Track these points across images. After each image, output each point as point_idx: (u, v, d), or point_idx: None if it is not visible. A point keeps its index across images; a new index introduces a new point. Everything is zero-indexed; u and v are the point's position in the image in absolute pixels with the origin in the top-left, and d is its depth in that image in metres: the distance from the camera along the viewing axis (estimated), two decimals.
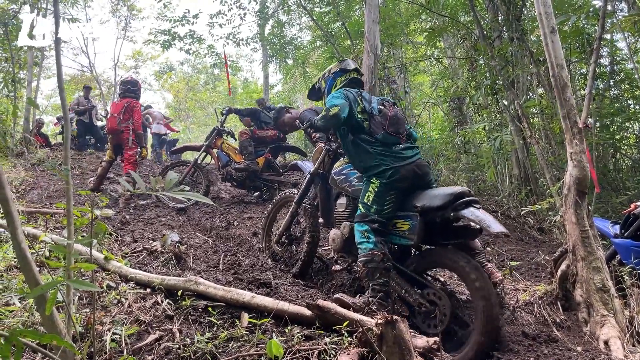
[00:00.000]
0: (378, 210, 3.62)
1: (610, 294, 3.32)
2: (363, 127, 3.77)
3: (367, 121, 3.78)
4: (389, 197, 3.62)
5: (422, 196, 3.52)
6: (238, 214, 7.03)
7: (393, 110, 3.89)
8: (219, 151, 8.16)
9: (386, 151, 3.67)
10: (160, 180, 2.08)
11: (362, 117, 3.78)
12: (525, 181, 9.35)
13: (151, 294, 3.25)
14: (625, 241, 4.01)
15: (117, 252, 4.16)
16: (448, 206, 3.31)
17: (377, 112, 3.81)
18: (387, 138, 3.72)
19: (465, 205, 3.27)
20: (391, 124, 3.79)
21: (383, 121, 3.77)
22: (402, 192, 3.65)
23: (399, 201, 3.66)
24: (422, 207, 3.45)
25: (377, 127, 3.75)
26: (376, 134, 3.72)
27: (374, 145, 3.69)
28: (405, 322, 2.15)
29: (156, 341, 2.75)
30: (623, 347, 2.97)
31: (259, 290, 3.53)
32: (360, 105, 3.83)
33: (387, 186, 3.60)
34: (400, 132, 3.81)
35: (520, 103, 8.39)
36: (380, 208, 3.62)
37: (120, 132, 7.37)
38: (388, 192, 3.61)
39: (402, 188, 3.63)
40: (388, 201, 3.62)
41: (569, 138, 3.67)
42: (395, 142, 3.73)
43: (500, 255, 5.69)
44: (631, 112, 10.53)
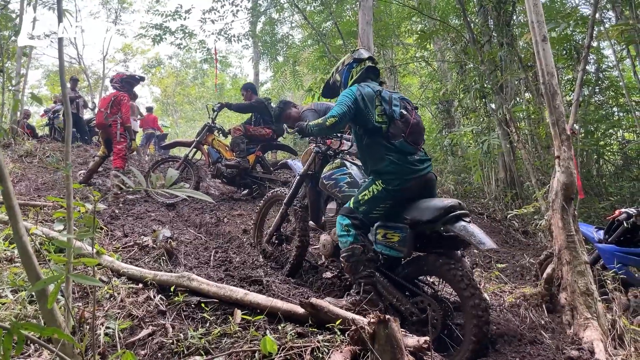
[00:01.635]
0: (366, 211, 3.60)
1: (594, 298, 3.41)
2: (380, 130, 3.56)
3: (385, 124, 3.56)
4: (384, 204, 3.58)
5: (413, 208, 3.51)
6: (228, 210, 7.04)
7: (415, 118, 3.67)
8: (210, 147, 8.13)
9: (401, 160, 3.51)
10: (161, 177, 2.10)
11: (380, 121, 3.57)
12: (511, 185, 9.49)
13: (144, 289, 3.27)
14: (608, 246, 4.12)
15: (108, 247, 4.16)
16: (438, 220, 3.32)
17: (398, 117, 3.58)
18: (405, 147, 3.53)
19: (456, 219, 3.28)
20: (412, 133, 3.58)
21: (404, 128, 3.56)
22: (399, 203, 3.59)
23: (391, 210, 3.61)
24: (412, 219, 3.45)
25: (397, 132, 3.54)
26: (394, 139, 3.53)
27: (389, 151, 3.53)
28: (397, 322, 2.20)
29: (149, 336, 2.77)
30: (605, 350, 3.05)
31: (251, 287, 3.57)
32: (379, 107, 3.60)
33: (389, 194, 3.53)
34: (418, 143, 3.64)
35: (508, 107, 8.50)
36: (369, 211, 3.60)
37: (108, 127, 7.32)
38: (386, 200, 3.56)
39: (404, 199, 3.57)
40: (381, 208, 3.59)
41: (557, 144, 3.75)
42: (412, 152, 3.57)
43: (487, 258, 5.78)
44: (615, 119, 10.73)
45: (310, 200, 4.47)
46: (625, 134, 11.43)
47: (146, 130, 16.67)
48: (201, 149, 8.15)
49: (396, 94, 3.77)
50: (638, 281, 4.00)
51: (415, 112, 3.73)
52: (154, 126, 17.02)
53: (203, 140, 8.10)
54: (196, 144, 8.00)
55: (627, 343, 3.20)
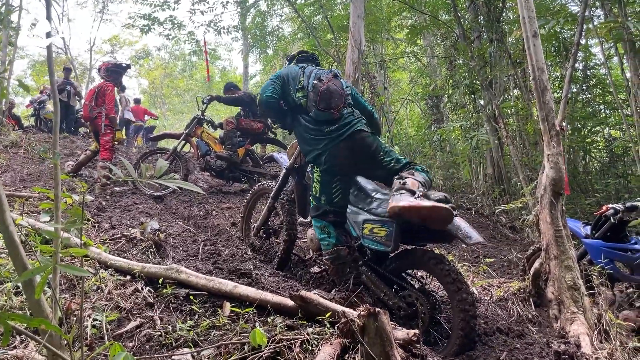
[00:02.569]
0: (328, 200, 3.54)
1: (581, 292, 3.44)
2: (301, 106, 3.57)
3: (304, 98, 3.57)
4: (334, 184, 3.53)
5: None
6: (216, 203, 7.01)
7: (326, 84, 3.54)
8: (199, 140, 8.07)
9: (317, 133, 3.50)
10: (150, 167, 2.08)
11: (299, 96, 3.58)
12: (499, 180, 9.57)
13: (131, 281, 3.24)
14: (595, 242, 4.16)
15: (95, 239, 4.12)
16: None
17: (311, 88, 3.54)
18: (319, 116, 3.49)
19: None
20: (322, 100, 3.48)
21: (315, 97, 3.50)
22: (346, 174, 3.55)
23: (346, 185, 3.59)
24: None
25: (311, 104, 3.52)
26: (310, 111, 3.54)
27: (308, 127, 3.55)
28: (386, 314, 2.20)
29: (137, 328, 2.75)
30: (591, 344, 3.09)
31: (240, 280, 3.55)
32: (300, 83, 3.61)
33: (327, 173, 3.50)
34: (331, 107, 3.50)
35: (497, 103, 8.55)
36: (329, 197, 3.54)
37: (94, 119, 7.22)
38: (331, 179, 3.52)
39: (343, 170, 3.54)
40: (335, 188, 3.53)
41: (546, 140, 3.78)
42: (327, 120, 3.50)
43: (474, 252, 5.82)
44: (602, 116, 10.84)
45: (297, 193, 4.44)
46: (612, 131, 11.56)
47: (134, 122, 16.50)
48: (190, 142, 8.09)
49: (321, 70, 3.73)
50: (624, 276, 4.05)
51: (333, 79, 3.62)
52: (141, 118, 16.85)
53: (192, 133, 8.04)
54: (185, 137, 7.94)
55: (613, 337, 3.24)
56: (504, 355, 2.95)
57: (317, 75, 3.65)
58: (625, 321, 3.62)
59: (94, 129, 7.28)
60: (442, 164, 11.54)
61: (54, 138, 2.10)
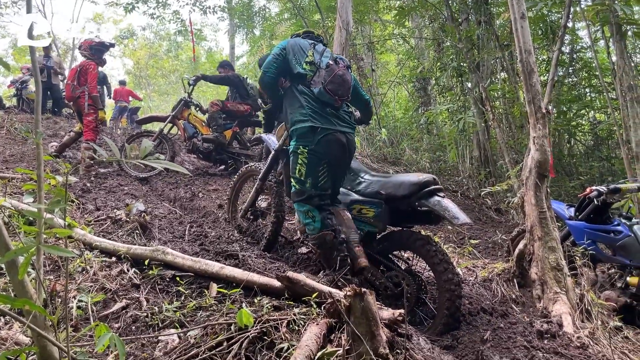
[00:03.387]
0: (313, 183, 3.46)
1: (564, 273, 3.49)
2: (305, 77, 3.51)
3: (311, 73, 3.51)
4: (321, 166, 3.46)
5: (388, 184, 3.52)
6: (203, 185, 6.97)
7: (342, 70, 3.53)
8: (186, 122, 7.98)
9: (318, 109, 3.44)
10: (135, 147, 2.05)
11: (307, 68, 3.52)
12: (485, 163, 9.63)
13: (117, 263, 3.22)
14: (579, 223, 4.22)
15: (79, 220, 4.08)
16: (413, 195, 3.33)
17: (324, 66, 3.50)
18: (323, 95, 3.44)
19: (430, 195, 3.30)
20: (332, 82, 3.44)
21: (326, 76, 3.45)
22: (331, 163, 3.52)
23: (333, 172, 3.56)
24: (387, 195, 3.46)
25: (318, 80, 3.46)
26: (314, 86, 3.46)
27: (307, 97, 3.47)
28: (373, 295, 2.21)
29: (123, 309, 2.74)
30: (573, 323, 3.14)
31: (227, 261, 3.54)
32: (310, 56, 3.55)
33: (316, 154, 3.43)
34: (338, 94, 3.48)
35: (484, 86, 8.56)
36: (315, 181, 3.46)
37: (77, 99, 7.08)
38: (319, 161, 3.45)
39: (331, 157, 3.49)
40: (322, 171, 3.47)
41: (532, 122, 3.79)
42: (329, 104, 3.48)
43: (460, 234, 5.87)
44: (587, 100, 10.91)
45: (286, 175, 4.43)
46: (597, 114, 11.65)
47: (119, 103, 16.28)
48: (177, 124, 8.00)
49: (333, 53, 3.74)
50: (606, 257, 4.11)
51: (346, 68, 3.61)
52: (126, 99, 16.62)
53: (179, 115, 7.95)
54: (172, 119, 7.85)
55: (594, 316, 3.30)
56: (488, 334, 2.99)
57: (334, 57, 3.63)
58: (606, 301, 3.69)
59: (77, 109, 7.15)
60: (428, 147, 11.57)
61: (36, 117, 2.06)
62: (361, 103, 4.02)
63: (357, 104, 4.06)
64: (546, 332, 2.99)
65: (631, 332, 3.46)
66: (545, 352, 2.77)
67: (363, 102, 4.01)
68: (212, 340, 2.30)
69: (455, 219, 3.12)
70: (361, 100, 3.99)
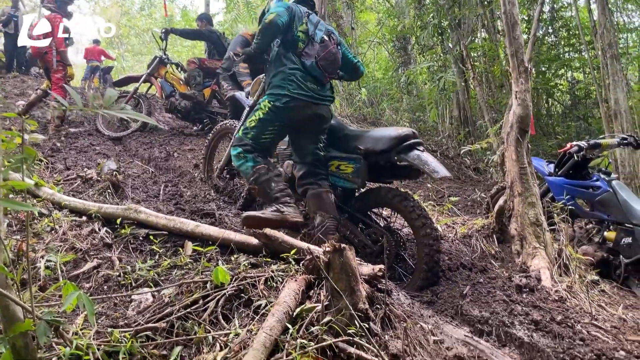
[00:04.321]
0: (255, 137, 3.42)
1: (543, 228, 3.49)
2: (297, 46, 3.43)
3: (303, 43, 3.43)
4: (272, 127, 3.43)
5: (366, 139, 3.44)
6: (178, 145, 6.80)
7: (335, 48, 3.52)
8: (163, 81, 7.69)
9: (302, 83, 3.39)
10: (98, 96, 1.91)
11: (301, 37, 3.43)
12: (464, 123, 9.61)
13: (87, 222, 3.11)
14: (558, 179, 4.21)
15: (48, 180, 3.93)
16: (392, 149, 3.26)
17: (318, 40, 3.46)
18: (314, 70, 3.41)
19: (409, 149, 3.23)
20: (325, 59, 3.43)
21: (320, 51, 3.42)
22: (288, 128, 3.51)
23: (281, 135, 3.56)
24: (366, 150, 3.37)
25: (311, 53, 3.42)
26: (306, 59, 3.41)
27: (295, 69, 3.40)
28: (352, 250, 2.16)
29: (94, 269, 2.65)
30: (551, 277, 3.16)
31: (203, 220, 3.46)
32: (304, 25, 3.47)
33: (276, 113, 3.38)
34: (328, 71, 3.49)
35: (465, 44, 8.44)
36: (258, 135, 3.43)
37: (44, 55, 6.75)
38: (273, 122, 3.41)
39: (293, 123, 3.47)
40: (270, 132, 3.44)
41: (515, 77, 3.72)
42: (316, 77, 3.44)
43: (440, 192, 5.86)
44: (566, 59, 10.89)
45: None
46: (575, 74, 11.66)
47: (90, 62, 15.71)
48: (153, 82, 7.72)
49: (326, 25, 3.66)
50: (584, 212, 4.13)
51: (337, 45, 3.58)
52: (98, 59, 16.04)
53: (155, 73, 7.66)
54: (147, 77, 7.57)
55: (572, 271, 3.33)
56: (467, 289, 2.99)
57: (328, 31, 3.58)
58: (584, 256, 3.71)
59: (45, 65, 6.83)
60: (408, 107, 11.47)
61: None
62: (349, 67, 3.87)
63: (345, 69, 3.90)
64: (525, 287, 3.00)
65: (607, 285, 3.50)
66: (523, 305, 2.78)
67: (351, 66, 3.87)
68: (187, 299, 2.23)
69: (435, 173, 3.06)
70: (349, 64, 3.85)
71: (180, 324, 2.10)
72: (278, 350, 1.83)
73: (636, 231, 3.73)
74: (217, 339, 1.99)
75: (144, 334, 2.01)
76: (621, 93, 6.69)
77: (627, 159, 6.55)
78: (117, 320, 2.12)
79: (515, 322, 2.60)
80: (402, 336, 2.05)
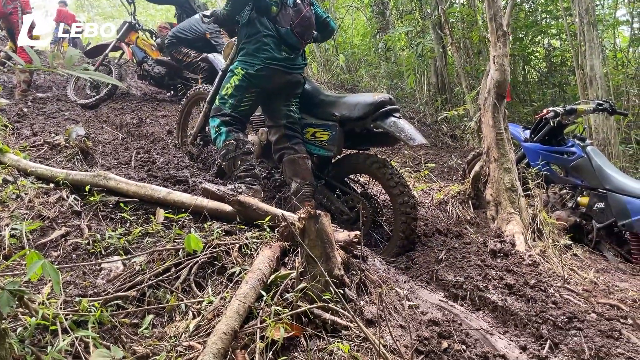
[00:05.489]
0: (234, 105, 3.41)
1: (518, 194, 3.51)
2: (270, 10, 3.35)
3: (277, 6, 3.35)
4: (249, 94, 3.42)
5: (342, 105, 3.37)
6: (151, 111, 6.62)
7: (309, 11, 3.47)
8: (134, 47, 7.41)
9: (275, 51, 3.35)
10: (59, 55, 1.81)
11: (273, 1, 3.35)
12: (442, 90, 9.58)
13: (55, 189, 3.00)
14: (534, 145, 4.22)
15: (14, 146, 3.78)
16: (368, 116, 3.20)
17: (291, 4, 3.39)
18: (290, 37, 3.36)
19: (386, 116, 3.17)
20: (300, 24, 3.38)
21: (294, 17, 3.37)
22: (264, 94, 3.48)
23: (259, 102, 3.53)
24: (342, 116, 3.32)
25: (285, 20, 3.36)
26: (280, 26, 3.35)
27: (269, 36, 3.34)
28: (328, 217, 2.12)
29: (62, 237, 2.57)
30: (525, 242, 3.19)
31: (176, 187, 3.38)
32: None
33: (250, 80, 3.36)
34: (304, 37, 3.45)
35: (443, 9, 8.32)
36: (236, 104, 3.41)
37: (8, 15, 6.42)
38: (249, 88, 3.40)
39: (266, 90, 3.45)
40: (247, 99, 3.42)
41: (493, 41, 3.67)
42: (291, 45, 3.39)
43: (416, 159, 5.85)
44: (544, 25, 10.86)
45: None
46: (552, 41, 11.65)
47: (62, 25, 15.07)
48: (124, 49, 7.43)
49: None
50: (559, 178, 4.16)
51: (310, 7, 3.52)
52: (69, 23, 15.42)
53: (126, 39, 7.37)
54: (117, 43, 7.28)
55: (546, 235, 3.36)
56: (443, 254, 3.00)
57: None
58: (557, 221, 3.76)
59: (8, 26, 6.51)
60: (386, 74, 11.38)
61: None
62: (319, 25, 3.77)
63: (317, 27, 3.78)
64: (499, 251, 3.02)
65: (580, 250, 3.55)
66: (498, 270, 2.80)
67: (321, 23, 3.78)
68: (158, 267, 2.18)
69: (411, 140, 3.02)
70: (318, 20, 3.74)
71: (151, 293, 2.05)
72: (252, 318, 1.80)
73: (609, 196, 3.78)
74: (190, 307, 1.95)
75: (114, 303, 1.96)
76: (597, 60, 6.70)
77: (602, 126, 6.61)
78: (86, 290, 2.07)
79: (489, 287, 2.62)
80: (377, 301, 2.04)
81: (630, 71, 8.93)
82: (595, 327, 2.31)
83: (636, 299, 2.78)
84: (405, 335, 1.93)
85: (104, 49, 7.55)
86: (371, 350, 1.70)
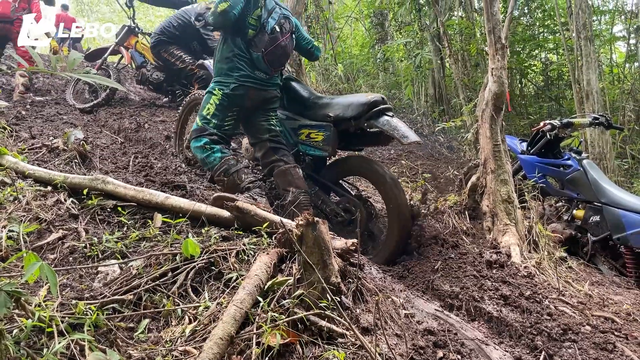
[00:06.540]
0: (218, 125, 3.42)
1: (514, 205, 3.53)
2: (246, 33, 3.35)
3: (254, 31, 3.35)
4: (230, 112, 3.44)
5: (335, 106, 3.40)
6: (149, 116, 6.62)
7: (285, 40, 3.45)
8: (133, 51, 7.40)
9: (249, 71, 3.38)
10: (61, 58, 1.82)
11: (252, 23, 3.34)
12: (439, 101, 9.64)
13: (53, 192, 3.00)
14: (530, 157, 4.25)
15: (12, 148, 3.77)
16: (362, 116, 3.23)
17: (269, 30, 3.34)
18: (260, 63, 3.37)
19: (379, 115, 3.20)
20: (273, 53, 3.37)
21: (268, 44, 3.34)
22: (243, 112, 3.50)
23: (239, 121, 3.55)
24: (336, 117, 3.34)
25: (259, 44, 3.34)
26: (253, 49, 3.35)
27: (241, 57, 3.37)
28: (325, 224, 2.13)
29: (59, 240, 2.57)
30: (521, 253, 3.20)
31: (173, 192, 3.39)
32: (259, 10, 3.35)
33: (230, 98, 3.39)
34: (275, 66, 3.46)
35: (442, 21, 8.40)
36: (220, 123, 3.42)
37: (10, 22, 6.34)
38: (231, 106, 3.42)
39: (244, 108, 3.48)
40: (230, 118, 3.44)
41: (491, 53, 3.71)
42: (264, 71, 3.43)
43: (413, 169, 5.87)
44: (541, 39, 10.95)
45: None
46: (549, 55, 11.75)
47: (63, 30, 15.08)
48: (123, 53, 7.43)
49: (282, 10, 3.53)
50: (554, 190, 4.19)
51: (290, 35, 3.52)
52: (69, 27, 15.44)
53: (125, 43, 7.37)
54: (116, 47, 7.28)
55: (541, 247, 3.38)
56: (439, 264, 3.01)
57: (280, 21, 3.43)
58: (553, 233, 3.78)
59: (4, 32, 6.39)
60: (384, 84, 11.44)
61: None
62: (302, 51, 3.94)
63: (300, 51, 3.98)
64: (495, 262, 3.03)
65: (575, 262, 3.57)
66: (493, 281, 2.81)
67: (304, 51, 3.93)
68: (155, 271, 2.18)
69: (405, 138, 3.05)
70: (303, 50, 3.92)
71: (148, 297, 2.05)
72: (248, 323, 1.81)
73: (604, 210, 3.80)
74: (187, 312, 1.95)
75: (111, 307, 1.96)
76: (593, 74, 6.78)
77: (597, 140, 6.67)
78: (83, 293, 2.07)
79: (484, 297, 2.63)
80: (373, 310, 2.05)
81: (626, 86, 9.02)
82: (589, 339, 2.32)
83: (630, 312, 2.79)
84: (401, 344, 1.94)
85: (104, 52, 7.56)
86: (367, 358, 1.71)
